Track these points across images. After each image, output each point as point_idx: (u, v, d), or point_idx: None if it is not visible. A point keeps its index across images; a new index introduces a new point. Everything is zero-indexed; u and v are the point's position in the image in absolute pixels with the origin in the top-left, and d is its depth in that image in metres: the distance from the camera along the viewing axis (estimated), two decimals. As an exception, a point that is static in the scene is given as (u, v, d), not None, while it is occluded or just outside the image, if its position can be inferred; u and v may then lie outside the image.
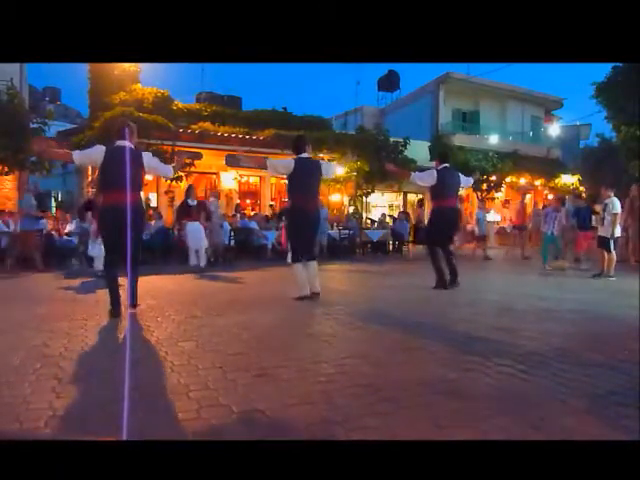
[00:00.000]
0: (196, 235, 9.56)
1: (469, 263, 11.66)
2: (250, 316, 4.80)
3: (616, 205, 8.52)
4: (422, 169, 17.41)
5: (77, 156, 4.85)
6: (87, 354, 3.48)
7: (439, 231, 6.94)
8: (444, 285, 6.74)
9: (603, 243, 8.68)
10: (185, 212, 9.79)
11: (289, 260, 9.97)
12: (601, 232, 8.76)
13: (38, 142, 5.60)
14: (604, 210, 8.66)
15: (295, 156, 5.76)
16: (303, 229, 5.71)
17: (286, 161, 5.90)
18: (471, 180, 7.74)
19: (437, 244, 6.97)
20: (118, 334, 4.20)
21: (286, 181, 5.86)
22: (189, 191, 10.13)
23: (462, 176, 7.20)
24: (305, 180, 5.63)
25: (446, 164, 7.09)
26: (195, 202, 10.03)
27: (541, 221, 10.41)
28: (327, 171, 6.00)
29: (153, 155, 5.05)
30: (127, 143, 4.69)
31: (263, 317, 4.77)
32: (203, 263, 9.50)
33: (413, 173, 7.50)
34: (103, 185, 4.75)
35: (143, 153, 4.83)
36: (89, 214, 9.53)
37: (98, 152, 4.68)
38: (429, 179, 6.93)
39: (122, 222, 4.30)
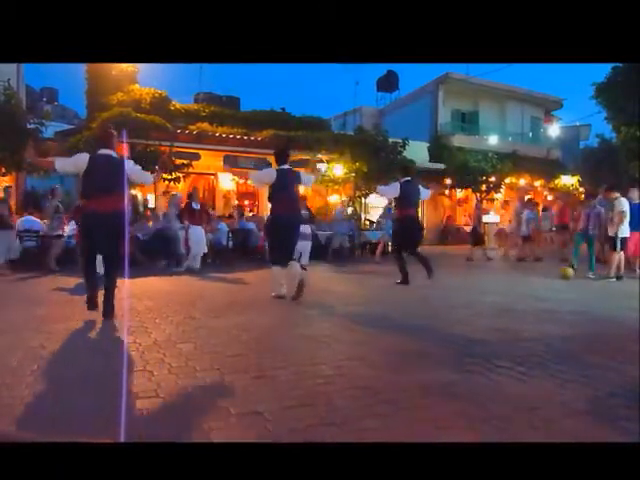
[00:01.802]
0: (200, 239, 9.48)
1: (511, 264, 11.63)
2: (248, 317, 4.78)
3: (622, 204, 8.46)
4: (421, 170, 17.31)
5: (59, 164, 4.96)
6: (85, 356, 3.47)
7: (405, 237, 7.71)
8: (407, 282, 7.37)
9: (613, 242, 8.57)
10: (189, 215, 9.66)
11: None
12: (610, 232, 8.68)
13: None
14: (612, 210, 8.57)
15: (277, 166, 6.24)
16: (282, 234, 6.01)
17: (269, 171, 6.42)
18: (429, 192, 8.54)
19: (404, 248, 7.72)
20: (116, 336, 4.19)
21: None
22: (193, 194, 10.04)
23: (422, 188, 7.97)
24: (286, 188, 6.01)
25: (408, 177, 7.84)
26: (199, 205, 9.93)
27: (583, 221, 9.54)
28: (306, 181, 6.61)
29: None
30: (110, 151, 4.80)
31: (261, 318, 4.76)
32: (198, 265, 9.47)
33: (379, 187, 8.64)
34: (86, 191, 4.76)
35: (125, 160, 4.88)
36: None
37: (81, 160, 4.76)
38: (393, 191, 7.77)
39: (103, 227, 4.55)
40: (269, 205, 6.31)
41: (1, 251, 9.18)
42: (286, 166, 6.18)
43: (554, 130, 24.13)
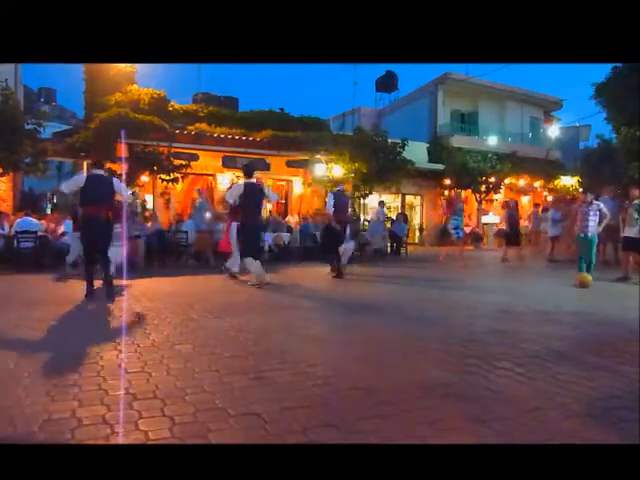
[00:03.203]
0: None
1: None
2: (247, 318, 4.77)
3: None
4: (420, 170, 17.20)
5: (63, 186, 6.43)
6: (82, 357, 3.45)
7: (334, 238, 8.91)
8: (342, 275, 8.47)
9: (635, 245, 8.35)
10: (231, 212, 8.54)
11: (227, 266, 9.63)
12: (629, 233, 8.41)
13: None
14: (637, 211, 8.26)
15: (245, 180, 7.58)
16: (249, 236, 7.49)
17: (237, 186, 7.77)
18: (349, 200, 9.08)
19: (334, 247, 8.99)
20: (114, 337, 4.17)
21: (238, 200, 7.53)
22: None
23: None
24: (251, 200, 7.39)
25: (340, 187, 9.38)
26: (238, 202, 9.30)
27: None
28: (268, 194, 7.84)
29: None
30: (101, 172, 6.20)
31: (260, 319, 4.75)
32: (237, 268, 8.35)
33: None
34: (83, 202, 6.04)
35: (113, 179, 6.31)
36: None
37: (79, 180, 6.16)
38: (331, 201, 8.83)
39: (96, 227, 5.91)
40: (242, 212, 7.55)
41: (77, 251, 9.11)
42: (252, 180, 7.54)
43: (554, 131, 24.10)
